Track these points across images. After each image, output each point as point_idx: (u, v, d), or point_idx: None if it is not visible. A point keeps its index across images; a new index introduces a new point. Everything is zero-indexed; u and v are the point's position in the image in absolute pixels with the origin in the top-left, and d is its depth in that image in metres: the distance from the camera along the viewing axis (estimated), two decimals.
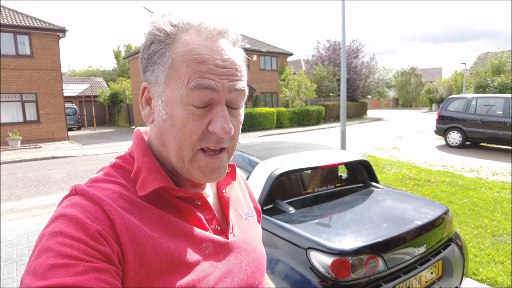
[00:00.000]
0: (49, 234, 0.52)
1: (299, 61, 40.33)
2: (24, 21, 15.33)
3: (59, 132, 16.32)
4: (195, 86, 0.57)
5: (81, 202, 0.56)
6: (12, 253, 3.81)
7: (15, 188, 7.16)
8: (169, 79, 0.60)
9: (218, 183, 0.77)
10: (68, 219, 0.53)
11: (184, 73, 0.58)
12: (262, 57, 23.54)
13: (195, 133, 0.59)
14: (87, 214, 0.54)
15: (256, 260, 0.74)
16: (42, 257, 0.49)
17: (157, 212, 0.61)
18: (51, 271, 0.48)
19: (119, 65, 42.09)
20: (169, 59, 0.59)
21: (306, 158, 2.77)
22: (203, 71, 0.57)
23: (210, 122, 0.59)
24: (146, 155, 0.65)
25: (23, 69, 15.16)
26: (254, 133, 17.49)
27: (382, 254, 1.91)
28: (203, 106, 0.59)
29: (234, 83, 0.60)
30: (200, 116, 0.59)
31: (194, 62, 0.58)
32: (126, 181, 0.63)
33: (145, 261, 0.55)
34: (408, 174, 6.90)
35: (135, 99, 23.91)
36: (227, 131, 0.58)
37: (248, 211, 0.81)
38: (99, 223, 0.53)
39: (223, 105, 0.60)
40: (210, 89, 0.58)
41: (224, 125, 0.58)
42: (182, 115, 0.59)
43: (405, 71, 46.07)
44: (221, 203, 0.74)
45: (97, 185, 0.60)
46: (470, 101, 10.16)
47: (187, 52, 0.58)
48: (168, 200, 0.64)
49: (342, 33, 8.37)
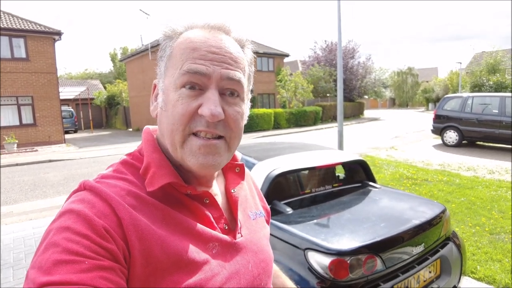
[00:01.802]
0: (56, 229, 0.52)
1: (295, 62, 40.38)
2: (20, 24, 15.27)
3: (56, 135, 16.25)
4: (186, 71, 0.59)
5: (89, 198, 0.56)
6: (9, 257, 3.78)
7: (11, 192, 7.11)
8: (167, 69, 0.63)
9: (227, 183, 0.75)
10: (75, 214, 0.53)
11: (178, 60, 0.61)
12: (259, 58, 23.56)
13: (184, 115, 0.59)
14: (94, 210, 0.54)
15: (263, 262, 0.73)
16: (48, 252, 0.49)
17: (165, 209, 0.60)
18: (56, 267, 0.47)
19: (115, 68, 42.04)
20: (169, 50, 0.63)
21: (303, 159, 2.77)
22: (195, 57, 0.59)
23: (201, 105, 0.59)
24: (155, 151, 0.66)
25: (19, 72, 15.10)
26: (251, 134, 17.49)
27: (380, 253, 1.91)
28: (194, 89, 0.60)
29: (227, 71, 0.60)
30: (191, 99, 0.59)
31: (188, 49, 0.60)
32: (135, 178, 0.63)
33: (151, 259, 0.55)
34: (406, 173, 6.92)
35: (132, 101, 23.84)
36: (214, 114, 0.58)
37: (256, 211, 0.81)
38: (106, 220, 0.53)
39: (214, 90, 0.60)
40: (200, 74, 0.59)
41: (211, 107, 0.58)
42: (174, 99, 0.60)
43: (401, 71, 46.24)
44: (230, 202, 0.73)
45: (106, 181, 0.60)
46: (466, 100, 10.21)
47: (184, 41, 0.62)
48: (177, 197, 0.64)
49: (338, 34, 8.40)
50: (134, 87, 23.17)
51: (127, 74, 24.90)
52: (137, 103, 22.67)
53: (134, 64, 23.03)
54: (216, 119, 0.58)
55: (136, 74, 22.56)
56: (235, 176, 0.76)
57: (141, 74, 21.68)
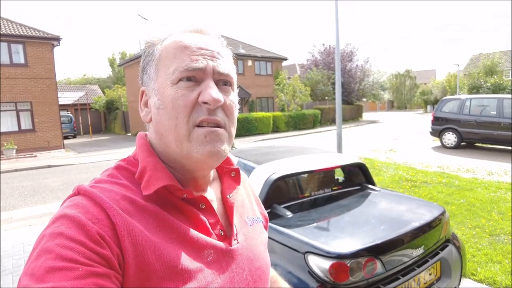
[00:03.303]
0: (50, 235, 0.51)
1: (293, 66, 40.51)
2: (18, 30, 15.29)
3: (55, 140, 16.22)
4: (184, 68, 0.61)
5: (83, 203, 0.55)
6: (8, 263, 3.76)
7: (10, 197, 7.09)
8: (159, 70, 0.64)
9: (223, 188, 0.75)
10: (69, 220, 0.52)
11: (171, 59, 0.63)
12: (257, 62, 23.64)
13: (186, 106, 0.61)
14: (88, 215, 0.53)
15: (259, 269, 0.72)
16: (41, 259, 0.48)
17: (160, 215, 0.60)
18: (49, 274, 0.46)
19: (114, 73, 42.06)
20: (158, 52, 0.65)
21: (302, 162, 2.78)
22: (188, 54, 0.62)
23: (200, 94, 0.61)
24: (150, 155, 0.66)
25: (18, 78, 15.09)
26: (250, 137, 17.49)
27: (380, 256, 1.91)
28: (191, 80, 0.62)
29: (219, 64, 0.64)
30: (189, 90, 0.61)
31: (179, 48, 0.63)
32: (130, 183, 0.63)
33: (145, 266, 0.54)
34: (405, 175, 6.93)
35: (130, 106, 23.85)
36: (216, 99, 0.60)
37: (253, 217, 0.80)
38: (100, 225, 0.52)
39: (211, 79, 0.63)
40: (198, 69, 0.62)
41: (212, 92, 0.60)
42: (172, 93, 0.61)
43: (399, 73, 46.43)
44: (226, 208, 0.72)
45: (100, 186, 0.60)
46: (464, 102, 10.25)
47: (173, 43, 0.65)
48: (172, 202, 0.63)
49: (336, 36, 8.43)
50: (133, 92, 23.19)
51: (126, 79, 24.94)
52: (136, 108, 22.52)
53: (132, 69, 23.07)
54: (219, 102, 0.61)
55: (135, 79, 22.21)
56: (231, 181, 0.75)
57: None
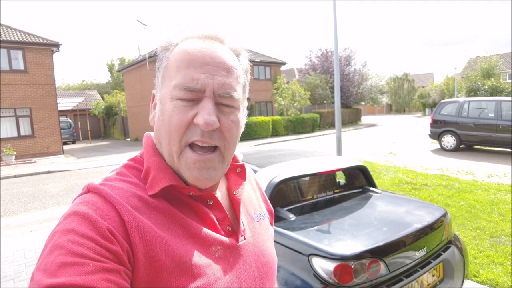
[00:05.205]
0: (61, 232, 0.52)
1: (292, 70, 40.63)
2: (18, 36, 15.34)
3: (54, 146, 16.21)
4: (182, 87, 0.60)
5: (93, 200, 0.57)
6: (9, 270, 3.75)
7: (10, 204, 7.07)
8: (164, 79, 0.64)
9: (229, 184, 0.75)
10: (80, 216, 0.53)
11: (174, 71, 0.62)
12: (256, 67, 23.72)
13: (180, 126, 0.60)
14: (99, 212, 0.54)
15: (266, 265, 0.73)
16: (53, 254, 0.50)
17: (168, 212, 0.61)
18: (61, 269, 0.48)
19: (113, 78, 42.08)
20: (166, 61, 0.65)
21: (304, 165, 2.79)
22: (190, 69, 0.60)
23: (196, 115, 0.60)
24: (154, 155, 0.67)
25: (17, 84, 15.12)
26: (250, 142, 17.51)
27: (383, 258, 1.92)
28: (189, 99, 0.60)
29: (221, 83, 0.61)
30: (186, 109, 0.60)
31: (184, 62, 0.61)
32: (139, 180, 0.64)
33: (155, 261, 0.55)
34: (405, 178, 6.94)
35: (129, 112, 23.86)
36: (209, 123, 0.58)
37: (260, 213, 0.81)
38: (110, 222, 0.54)
39: (209, 99, 0.60)
40: (195, 90, 0.60)
41: (205, 116, 0.58)
42: (170, 108, 0.61)
43: (397, 77, 46.62)
44: (232, 204, 0.73)
45: (110, 184, 0.61)
46: (463, 105, 10.30)
47: (179, 52, 0.63)
48: (180, 198, 0.64)
49: (335, 40, 8.49)
50: (132, 97, 23.22)
51: (125, 84, 24.96)
52: (135, 113, 22.70)
53: (131, 74, 23.11)
54: (211, 127, 0.59)
55: (134, 84, 22.62)
56: (237, 177, 0.76)
57: (138, 84, 21.75)
